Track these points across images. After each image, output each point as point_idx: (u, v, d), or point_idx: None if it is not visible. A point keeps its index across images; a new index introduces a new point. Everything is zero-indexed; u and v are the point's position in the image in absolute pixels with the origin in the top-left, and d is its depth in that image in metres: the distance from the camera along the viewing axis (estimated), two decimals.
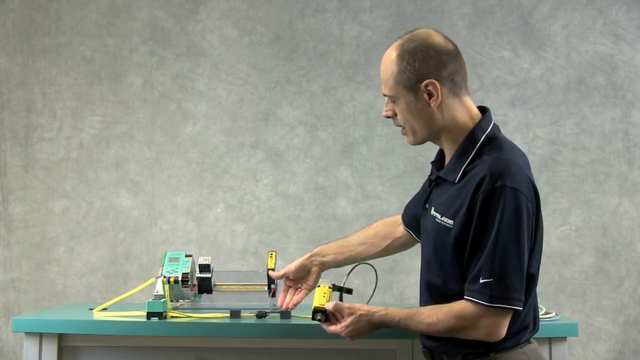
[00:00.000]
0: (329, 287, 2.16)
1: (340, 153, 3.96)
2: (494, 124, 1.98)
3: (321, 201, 3.94)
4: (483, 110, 2.01)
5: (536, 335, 2.23)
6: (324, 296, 2.12)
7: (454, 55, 1.94)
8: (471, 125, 1.95)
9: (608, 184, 3.89)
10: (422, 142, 2.00)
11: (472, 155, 1.91)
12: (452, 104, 1.94)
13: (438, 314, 1.89)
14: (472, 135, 1.93)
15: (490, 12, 3.96)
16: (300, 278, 2.37)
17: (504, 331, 1.84)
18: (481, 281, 1.81)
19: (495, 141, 1.92)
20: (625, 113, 3.91)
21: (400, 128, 2.01)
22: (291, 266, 2.36)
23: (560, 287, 3.86)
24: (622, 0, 3.93)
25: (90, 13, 4.01)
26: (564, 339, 2.29)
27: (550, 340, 2.28)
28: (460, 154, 1.93)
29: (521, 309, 1.84)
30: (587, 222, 3.88)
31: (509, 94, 3.94)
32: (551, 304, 3.77)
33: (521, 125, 3.92)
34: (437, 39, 1.94)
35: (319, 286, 2.17)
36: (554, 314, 2.40)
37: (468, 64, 4.12)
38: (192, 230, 3.95)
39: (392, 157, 3.93)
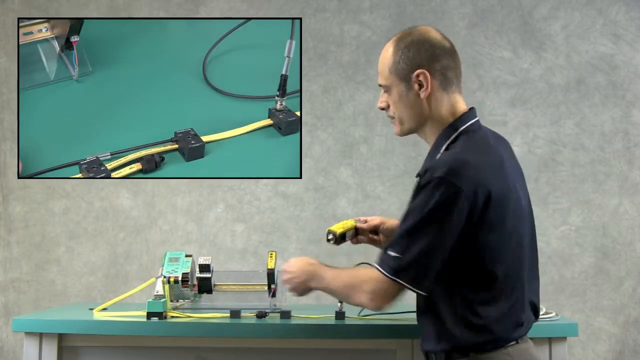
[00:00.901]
0: (354, 222, 2.32)
1: (340, 153, 3.96)
2: (474, 123, 1.98)
3: (321, 201, 3.94)
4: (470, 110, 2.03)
5: (536, 335, 2.23)
6: (343, 227, 2.27)
7: (449, 52, 1.98)
8: (451, 121, 1.98)
9: (608, 184, 3.89)
10: (408, 132, 2.03)
11: (441, 152, 1.94)
12: (440, 98, 1.97)
13: (344, 272, 2.02)
14: (445, 132, 1.97)
15: (490, 12, 3.96)
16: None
17: (385, 304, 1.89)
18: (387, 252, 1.87)
19: (464, 139, 1.94)
20: (625, 113, 3.91)
21: (392, 119, 2.06)
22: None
23: (560, 287, 3.86)
24: (622, 0, 3.93)
25: (90, 13, 4.01)
26: (564, 339, 2.29)
27: (550, 340, 2.28)
28: (433, 150, 1.98)
29: (419, 291, 1.86)
30: (587, 222, 3.88)
31: (509, 94, 3.94)
32: (551, 304, 3.77)
33: (521, 125, 3.92)
34: (434, 34, 1.99)
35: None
36: (554, 314, 2.40)
37: (468, 64, 4.12)
38: (192, 230, 3.96)
39: (392, 157, 3.93)
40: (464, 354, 1.89)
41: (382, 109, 2.04)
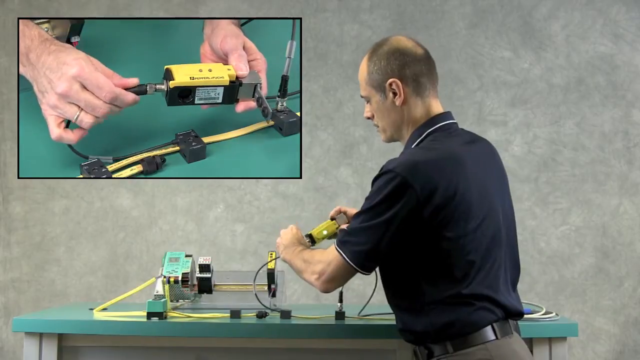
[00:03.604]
0: (335, 228, 2.37)
1: (340, 153, 3.96)
2: (444, 125, 2.04)
3: (321, 201, 3.94)
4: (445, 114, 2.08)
5: (536, 335, 2.24)
6: (325, 233, 2.35)
7: (421, 58, 2.04)
8: (422, 123, 2.06)
9: (608, 184, 3.89)
10: (391, 140, 2.13)
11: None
12: (414, 104, 2.04)
13: (308, 251, 2.13)
14: (415, 134, 2.06)
15: (490, 12, 3.96)
16: None
17: (329, 286, 1.99)
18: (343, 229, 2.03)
19: (426, 143, 2.02)
20: (625, 113, 3.91)
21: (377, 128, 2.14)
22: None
23: (560, 287, 3.86)
24: (622, 0, 3.94)
25: (90, 13, 4.01)
26: (564, 339, 2.29)
27: (550, 340, 2.28)
28: (402, 152, 2.08)
29: (356, 267, 1.95)
30: (587, 222, 3.89)
31: (509, 94, 3.94)
32: (551, 304, 3.77)
33: (521, 125, 3.92)
34: (406, 43, 2.06)
35: (331, 219, 2.39)
36: (554, 314, 2.40)
37: (468, 64, 4.12)
38: (192, 230, 3.96)
39: (392, 157, 3.92)
40: (444, 352, 1.92)
41: (368, 118, 2.13)
